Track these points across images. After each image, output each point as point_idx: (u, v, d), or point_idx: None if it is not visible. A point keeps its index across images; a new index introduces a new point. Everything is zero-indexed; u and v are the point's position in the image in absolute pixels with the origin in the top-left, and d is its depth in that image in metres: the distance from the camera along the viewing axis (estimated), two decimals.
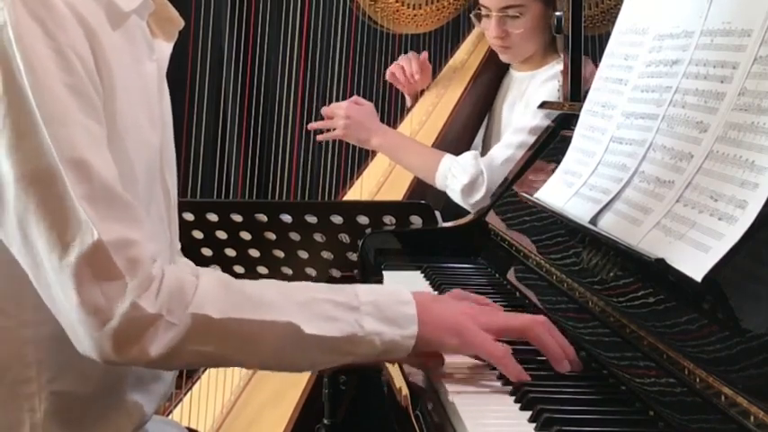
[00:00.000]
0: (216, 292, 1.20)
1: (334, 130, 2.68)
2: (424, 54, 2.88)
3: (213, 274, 1.23)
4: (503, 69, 2.81)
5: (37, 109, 1.13)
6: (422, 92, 2.90)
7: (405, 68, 2.86)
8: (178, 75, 1.46)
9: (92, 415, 1.31)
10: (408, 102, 2.95)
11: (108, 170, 1.18)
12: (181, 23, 1.42)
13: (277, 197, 3.15)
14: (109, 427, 1.32)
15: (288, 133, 3.13)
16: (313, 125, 2.73)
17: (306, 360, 1.24)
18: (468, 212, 2.29)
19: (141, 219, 1.20)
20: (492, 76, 2.84)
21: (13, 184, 1.14)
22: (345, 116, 2.67)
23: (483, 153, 2.58)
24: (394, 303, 1.24)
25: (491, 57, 2.80)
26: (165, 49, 1.41)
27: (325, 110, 2.73)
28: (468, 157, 2.51)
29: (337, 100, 2.82)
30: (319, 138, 2.77)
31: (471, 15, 2.75)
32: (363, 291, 1.25)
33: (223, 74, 3.47)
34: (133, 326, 1.14)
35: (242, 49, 3.19)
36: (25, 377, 1.24)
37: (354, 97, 2.74)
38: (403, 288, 1.27)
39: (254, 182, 3.20)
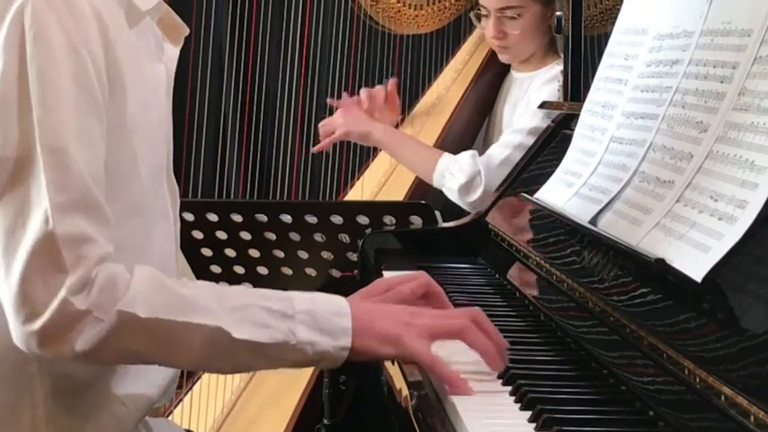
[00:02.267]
0: (147, 291, 1.20)
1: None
2: (392, 83, 2.79)
3: (149, 272, 1.23)
4: (504, 70, 2.81)
5: (32, 94, 1.16)
6: (398, 125, 2.84)
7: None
8: (179, 75, 1.47)
9: (93, 397, 1.32)
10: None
11: (88, 166, 1.19)
12: (186, 30, 1.45)
13: (277, 197, 3.15)
14: (110, 411, 1.33)
15: (288, 133, 3.13)
16: (316, 147, 2.72)
17: (234, 363, 1.26)
18: (469, 212, 2.29)
19: (107, 220, 1.21)
20: (493, 77, 2.84)
21: None
22: (342, 116, 2.67)
23: (482, 154, 2.58)
24: (329, 314, 1.24)
25: (492, 58, 2.80)
26: (173, 52, 1.43)
27: (321, 125, 2.73)
28: (466, 156, 2.51)
29: (338, 99, 2.82)
30: (316, 149, 2.75)
31: (471, 15, 2.75)
32: (300, 299, 1.26)
33: (224, 74, 3.47)
34: (61, 322, 1.16)
35: (242, 50, 3.19)
36: (26, 358, 1.25)
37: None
38: (341, 299, 1.28)
39: (254, 182, 3.20)
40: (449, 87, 2.89)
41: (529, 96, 2.62)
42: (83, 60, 1.19)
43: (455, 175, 2.48)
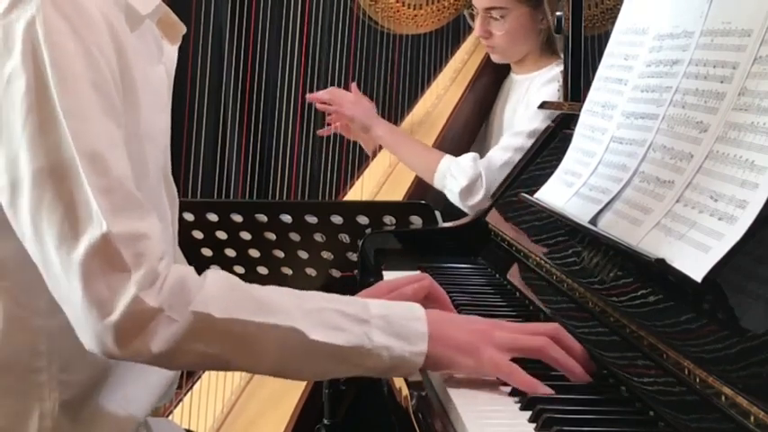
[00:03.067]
0: (220, 292, 1.20)
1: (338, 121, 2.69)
2: (353, 86, 2.79)
3: (221, 274, 1.23)
4: (503, 71, 2.81)
5: (59, 104, 1.15)
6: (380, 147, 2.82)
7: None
8: (178, 75, 1.47)
9: (96, 403, 1.32)
10: (369, 154, 2.93)
11: (124, 168, 1.19)
12: (183, 29, 1.45)
13: (277, 197, 3.15)
14: (111, 415, 1.33)
15: (288, 133, 3.13)
16: (316, 96, 2.71)
17: (312, 367, 1.23)
18: None
19: (152, 217, 1.21)
20: (492, 77, 2.84)
21: (30, 177, 1.16)
22: (353, 101, 2.68)
23: (482, 155, 2.58)
24: (405, 319, 1.22)
25: (490, 59, 2.80)
26: (172, 52, 1.44)
27: (333, 90, 2.73)
28: (468, 159, 2.51)
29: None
30: (321, 132, 2.76)
31: (465, 13, 2.76)
32: (375, 304, 1.24)
33: (223, 73, 3.47)
34: (134, 319, 1.14)
35: (242, 49, 3.19)
36: (36, 367, 1.25)
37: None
38: (416, 304, 1.26)
39: (254, 182, 3.20)
40: (448, 87, 2.89)
41: (528, 98, 2.62)
42: (99, 66, 1.19)
43: (456, 177, 2.48)
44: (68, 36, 1.17)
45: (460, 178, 2.47)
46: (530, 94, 2.62)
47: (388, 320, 1.21)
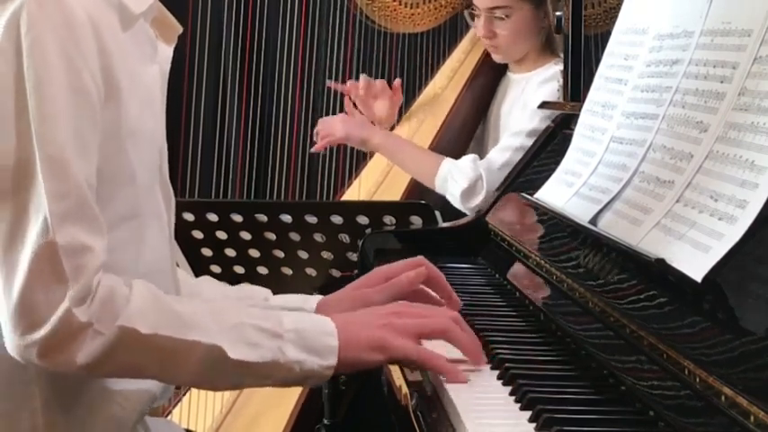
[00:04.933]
0: (146, 307, 1.21)
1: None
2: (397, 81, 2.84)
3: (145, 286, 1.24)
4: (500, 70, 2.81)
5: (30, 102, 1.16)
6: (392, 127, 2.86)
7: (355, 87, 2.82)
8: (177, 74, 1.47)
9: (89, 399, 1.32)
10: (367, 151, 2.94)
11: (84, 175, 1.20)
12: (179, 29, 1.44)
13: (277, 197, 3.15)
14: (107, 412, 1.33)
15: (287, 133, 3.13)
16: (316, 148, 2.73)
17: (226, 380, 1.28)
18: None
19: (102, 231, 1.22)
20: (489, 76, 2.84)
21: None
22: (342, 120, 2.68)
23: (480, 154, 2.58)
24: (317, 333, 1.26)
25: (488, 57, 2.80)
26: (167, 51, 1.43)
27: (319, 126, 2.73)
28: (467, 161, 2.51)
29: (336, 99, 2.82)
30: (314, 149, 2.76)
31: (465, 14, 2.76)
32: (288, 317, 1.28)
33: (222, 73, 3.47)
34: (63, 333, 1.16)
35: (241, 49, 3.19)
36: (22, 365, 1.24)
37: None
38: (325, 318, 1.29)
39: (253, 182, 3.20)
40: (445, 87, 2.88)
41: (526, 97, 2.62)
42: (77, 67, 1.18)
43: (457, 180, 2.48)
44: (49, 36, 1.17)
45: (461, 181, 2.47)
46: (527, 94, 2.62)
47: (301, 335, 1.25)
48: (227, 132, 3.42)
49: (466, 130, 2.82)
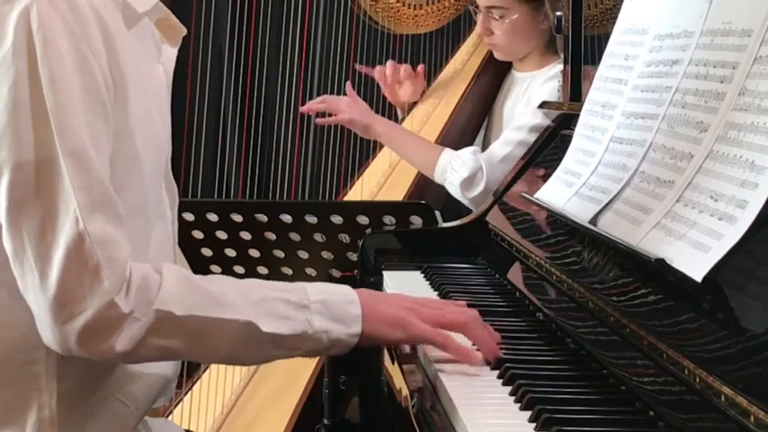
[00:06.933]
0: (179, 290, 1.24)
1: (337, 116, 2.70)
2: (421, 67, 2.90)
3: (175, 270, 1.27)
4: (504, 69, 2.82)
5: (48, 100, 1.17)
6: (413, 104, 2.90)
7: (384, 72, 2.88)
8: (178, 75, 1.48)
9: (95, 396, 1.33)
10: (400, 114, 2.96)
11: (104, 169, 1.22)
12: (183, 31, 1.46)
13: (277, 197, 3.15)
14: (111, 410, 1.35)
15: (288, 133, 3.13)
16: (310, 107, 2.72)
17: (257, 355, 1.32)
18: (469, 212, 2.29)
19: (123, 221, 1.23)
20: (493, 76, 2.85)
21: (10, 170, 1.17)
22: (349, 103, 2.68)
23: (482, 149, 2.59)
24: (341, 303, 1.31)
25: (492, 57, 2.80)
26: (171, 53, 1.45)
27: (326, 98, 2.73)
28: (468, 152, 2.52)
29: (339, 95, 2.82)
30: (320, 121, 2.76)
31: (470, 8, 2.78)
32: (312, 290, 1.31)
33: (223, 73, 3.47)
34: (105, 322, 1.18)
35: (242, 49, 3.19)
36: (33, 358, 1.27)
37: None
38: (347, 287, 1.34)
39: (254, 182, 3.20)
40: (448, 86, 2.89)
41: (529, 95, 2.63)
42: (89, 62, 1.20)
43: (457, 170, 2.50)
44: (61, 31, 1.18)
45: (461, 170, 2.48)
46: (530, 91, 2.63)
47: (326, 305, 1.30)
48: (228, 132, 3.42)
49: (469, 131, 2.83)
